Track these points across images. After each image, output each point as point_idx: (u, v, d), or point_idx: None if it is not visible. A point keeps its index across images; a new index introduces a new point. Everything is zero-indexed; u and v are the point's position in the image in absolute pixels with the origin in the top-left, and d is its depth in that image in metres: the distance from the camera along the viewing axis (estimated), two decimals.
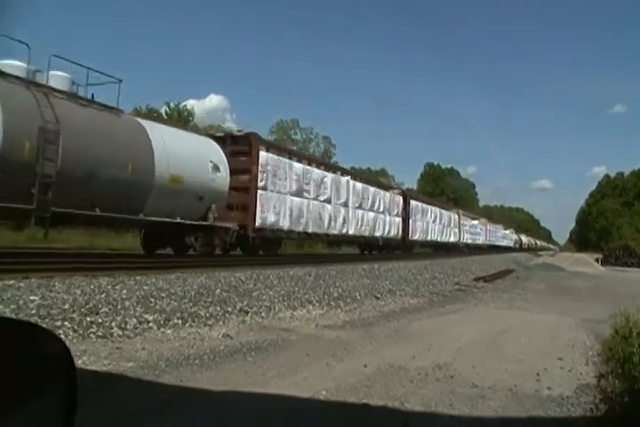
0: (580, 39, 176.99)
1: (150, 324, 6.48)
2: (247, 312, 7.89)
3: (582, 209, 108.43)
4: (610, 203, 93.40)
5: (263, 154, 16.90)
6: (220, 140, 16.08)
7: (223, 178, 14.79)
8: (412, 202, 33.16)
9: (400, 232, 30.07)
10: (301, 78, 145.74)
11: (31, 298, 6.49)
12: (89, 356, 4.93)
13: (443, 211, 40.36)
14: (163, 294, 7.90)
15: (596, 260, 48.19)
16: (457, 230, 43.91)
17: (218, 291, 8.86)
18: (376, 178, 38.64)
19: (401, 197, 31.04)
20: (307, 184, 19.55)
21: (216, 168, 14.48)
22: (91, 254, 13.49)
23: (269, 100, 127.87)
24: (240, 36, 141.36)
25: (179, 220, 13.29)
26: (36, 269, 8.92)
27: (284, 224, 18.06)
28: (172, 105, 43.82)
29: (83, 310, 6.35)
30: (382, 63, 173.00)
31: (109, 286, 7.92)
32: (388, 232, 28.13)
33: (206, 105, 75.47)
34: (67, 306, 6.38)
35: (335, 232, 22.00)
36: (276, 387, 4.39)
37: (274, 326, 7.24)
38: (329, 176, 21.64)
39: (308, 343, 6.31)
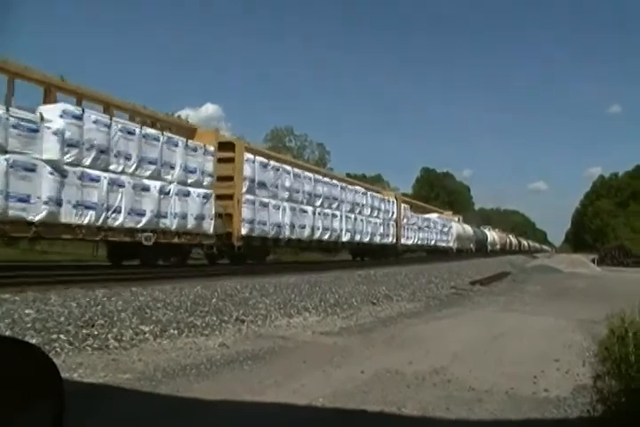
0: (576, 40, 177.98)
1: (146, 335, 6.46)
2: (243, 321, 7.88)
3: (577, 210, 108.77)
4: (605, 203, 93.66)
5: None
6: None
7: None
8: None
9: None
10: (297, 86, 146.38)
11: (26, 312, 6.48)
12: (85, 368, 4.92)
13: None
14: (159, 305, 7.89)
15: (592, 260, 48.24)
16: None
17: (214, 300, 8.86)
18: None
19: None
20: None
21: None
22: (86, 266, 13.46)
23: (264, 109, 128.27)
24: (236, 46, 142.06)
25: None
26: (32, 283, 8.92)
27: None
28: (167, 114, 43.91)
29: (78, 322, 6.34)
30: (377, 70, 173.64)
31: (105, 298, 7.91)
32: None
33: (202, 114, 75.72)
34: (62, 319, 6.37)
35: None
36: (273, 395, 4.38)
37: (270, 335, 7.24)
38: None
39: (305, 351, 6.31)
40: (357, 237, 24.39)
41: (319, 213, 20.72)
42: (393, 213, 29.36)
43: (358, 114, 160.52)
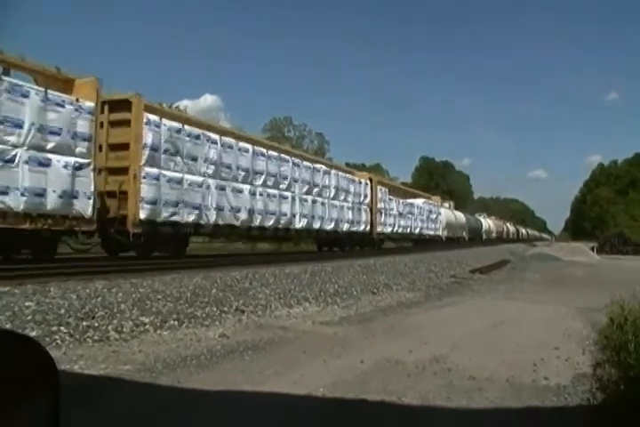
0: (573, 27, 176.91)
1: (147, 326, 6.47)
2: (243, 311, 7.89)
3: (577, 198, 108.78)
4: (604, 191, 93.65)
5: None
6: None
7: None
8: None
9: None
10: (296, 77, 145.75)
11: (26, 304, 6.47)
12: (86, 360, 4.93)
13: None
14: (159, 296, 7.89)
15: (592, 248, 48.28)
16: None
17: (214, 291, 8.86)
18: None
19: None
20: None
21: None
22: (86, 258, 13.43)
23: (263, 99, 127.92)
24: (235, 37, 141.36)
25: None
26: (31, 275, 8.90)
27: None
28: (165, 105, 43.77)
29: (79, 314, 6.35)
30: (376, 60, 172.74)
31: (105, 290, 7.91)
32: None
33: (201, 105, 75.32)
34: (62, 311, 6.37)
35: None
36: (274, 385, 4.39)
37: (270, 325, 7.25)
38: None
39: (305, 341, 6.32)
40: (317, 224, 20.51)
41: (260, 194, 16.79)
42: (366, 196, 25.29)
43: (358, 104, 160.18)
